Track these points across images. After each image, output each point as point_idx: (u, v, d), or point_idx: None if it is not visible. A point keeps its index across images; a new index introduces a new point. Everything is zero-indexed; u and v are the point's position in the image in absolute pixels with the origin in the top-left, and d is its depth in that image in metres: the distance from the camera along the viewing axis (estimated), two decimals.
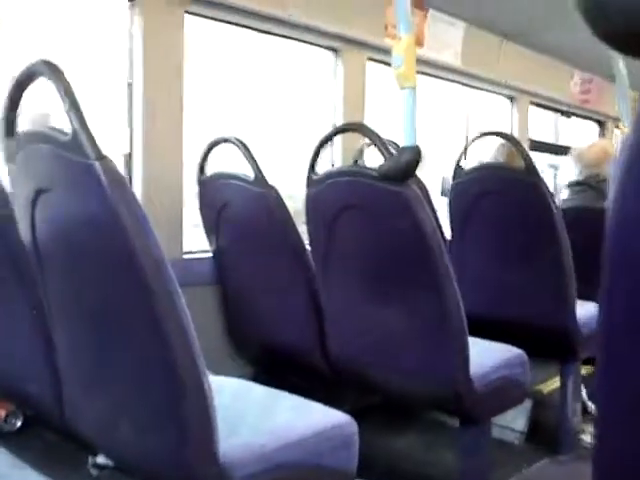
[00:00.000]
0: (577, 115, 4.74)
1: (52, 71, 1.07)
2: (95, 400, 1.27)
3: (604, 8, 0.44)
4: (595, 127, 5.03)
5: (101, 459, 1.65)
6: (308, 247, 1.96)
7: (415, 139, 1.66)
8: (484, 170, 2.36)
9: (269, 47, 2.75)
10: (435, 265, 1.62)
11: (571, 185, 2.89)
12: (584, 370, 2.35)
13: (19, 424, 1.87)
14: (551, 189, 2.32)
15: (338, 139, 2.76)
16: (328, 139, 1.94)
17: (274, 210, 1.94)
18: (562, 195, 2.93)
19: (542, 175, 2.20)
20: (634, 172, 0.56)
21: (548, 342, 2.18)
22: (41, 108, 1.47)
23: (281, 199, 1.94)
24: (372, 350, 1.82)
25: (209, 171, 2.17)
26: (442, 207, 2.62)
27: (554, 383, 2.42)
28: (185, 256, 2.24)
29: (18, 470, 1.36)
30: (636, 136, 0.53)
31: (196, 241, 2.30)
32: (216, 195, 2.13)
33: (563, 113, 4.68)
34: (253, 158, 1.98)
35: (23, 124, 1.24)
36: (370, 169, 1.71)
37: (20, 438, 1.82)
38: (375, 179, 1.65)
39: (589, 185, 2.76)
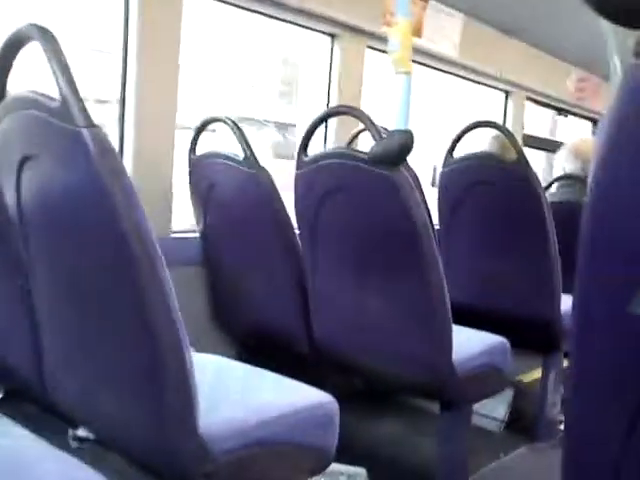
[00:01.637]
0: (573, 113, 4.75)
1: (42, 34, 1.04)
2: (76, 372, 1.26)
3: None
4: (588, 126, 5.05)
5: (82, 432, 1.65)
6: (297, 230, 1.96)
7: (407, 124, 1.66)
8: (475, 159, 2.36)
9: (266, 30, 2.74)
10: (422, 251, 1.62)
11: (560, 179, 2.90)
12: (566, 362, 2.37)
13: None
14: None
15: (333, 125, 2.76)
16: (320, 121, 1.93)
17: (264, 191, 1.93)
18: (551, 189, 2.94)
19: (533, 168, 2.21)
20: (608, 164, 0.57)
21: (532, 333, 2.19)
22: None
23: (272, 180, 1.93)
24: (356, 333, 1.82)
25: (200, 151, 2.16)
26: (432, 198, 2.62)
27: (536, 374, 2.44)
28: (173, 235, 2.23)
29: None
30: (611, 128, 0.54)
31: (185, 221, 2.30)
32: (206, 175, 2.12)
33: (560, 111, 4.69)
34: (244, 138, 1.97)
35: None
36: (361, 152, 1.70)
37: None
38: (365, 162, 1.65)
39: (580, 179, 2.78)
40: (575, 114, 4.78)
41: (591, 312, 0.60)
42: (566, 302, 2.21)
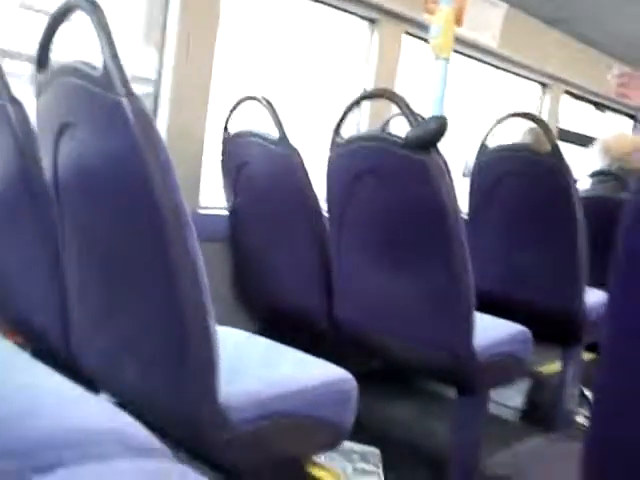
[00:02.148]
0: (611, 109, 4.67)
1: (89, 4, 1.06)
2: (102, 338, 1.29)
3: None
4: (629, 122, 4.95)
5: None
6: (325, 212, 1.98)
7: (443, 110, 1.66)
8: (509, 150, 2.34)
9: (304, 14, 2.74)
10: (450, 236, 1.63)
11: (594, 175, 2.87)
12: (586, 356, 2.36)
13: None
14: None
15: (366, 109, 2.76)
16: (355, 104, 1.94)
17: (295, 172, 1.94)
18: (584, 184, 2.91)
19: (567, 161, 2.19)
20: None
21: (554, 325, 2.19)
22: None
23: (302, 161, 1.94)
24: (378, 315, 1.83)
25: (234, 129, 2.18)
26: (463, 188, 2.61)
27: (555, 366, 2.43)
28: (201, 211, 2.26)
29: None
30: None
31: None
32: (238, 153, 2.14)
33: (597, 106, 4.61)
34: (278, 118, 1.99)
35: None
36: (395, 136, 1.71)
37: None
38: (399, 146, 1.65)
39: (615, 175, 2.74)
40: (614, 110, 4.70)
41: (624, 316, 0.59)
42: (590, 296, 2.19)
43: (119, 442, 0.66)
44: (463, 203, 2.49)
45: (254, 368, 1.37)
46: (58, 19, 1.20)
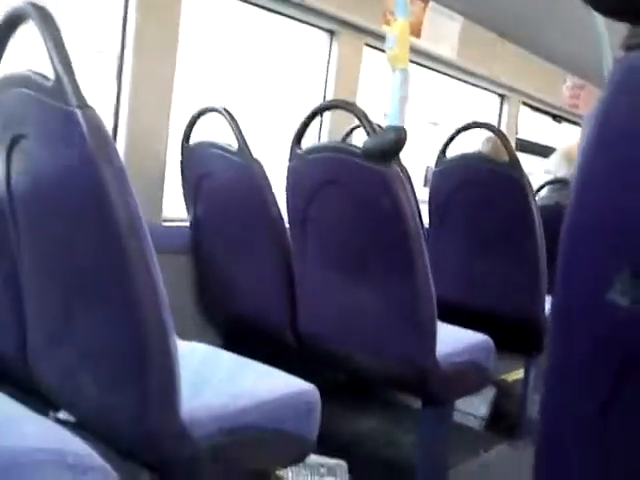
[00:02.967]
0: (567, 120, 4.78)
1: (39, 13, 1.04)
2: (59, 354, 1.26)
3: None
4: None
5: (62, 415, 1.64)
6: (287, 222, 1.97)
7: (401, 121, 1.67)
8: (466, 160, 2.37)
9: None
10: (411, 247, 1.63)
11: (550, 183, 2.92)
12: None
13: None
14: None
15: (327, 121, 2.76)
16: (314, 115, 1.94)
17: (256, 183, 1.93)
18: (541, 192, 2.96)
19: (525, 171, 2.23)
20: (589, 169, 0.58)
21: (516, 333, 2.21)
22: None
23: (264, 172, 1.93)
24: (341, 327, 1.83)
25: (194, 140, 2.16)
26: (424, 197, 2.63)
27: (518, 373, 2.46)
28: (164, 223, 2.23)
29: None
30: (593, 127, 0.55)
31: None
32: (199, 164, 2.12)
33: (555, 117, 4.71)
34: (239, 129, 1.98)
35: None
36: (354, 146, 1.71)
37: None
38: (358, 156, 1.66)
39: (569, 183, 2.79)
40: (569, 121, 4.81)
41: (569, 301, 0.61)
42: (550, 302, 2.22)
43: (57, 462, 0.64)
44: (425, 212, 2.53)
45: (217, 382, 1.35)
46: (8, 28, 1.17)
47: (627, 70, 0.52)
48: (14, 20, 1.15)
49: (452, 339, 1.85)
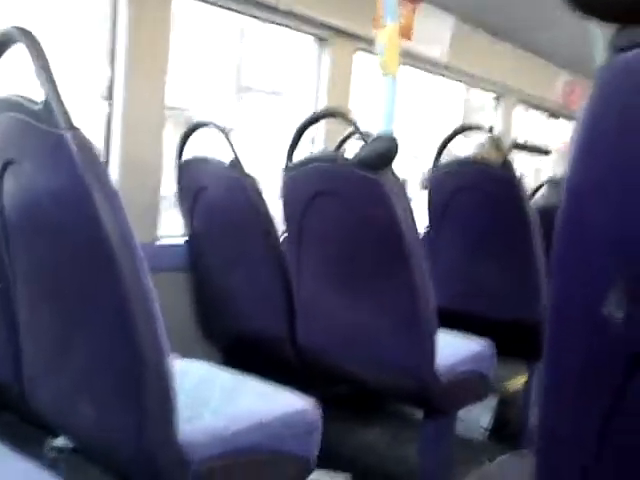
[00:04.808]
0: (563, 116, 4.77)
1: (26, 37, 1.04)
2: (55, 380, 1.25)
3: None
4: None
5: (60, 441, 1.62)
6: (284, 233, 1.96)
7: (392, 127, 1.66)
8: (461, 164, 2.36)
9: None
10: (408, 255, 1.62)
11: (549, 182, 2.90)
12: None
13: None
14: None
15: (322, 130, 2.75)
16: (307, 125, 1.93)
17: (249, 196, 1.92)
18: (539, 193, 2.94)
19: (519, 173, 2.21)
20: (577, 167, 0.56)
21: (517, 339, 2.19)
22: None
23: (257, 186, 1.93)
24: (341, 339, 1.81)
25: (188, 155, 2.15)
26: (422, 201, 2.62)
27: (521, 381, 2.43)
28: (161, 241, 2.21)
29: None
30: (582, 131, 0.54)
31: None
32: (193, 179, 2.11)
33: (551, 114, 4.71)
34: (232, 144, 1.97)
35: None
36: (347, 156, 1.70)
37: None
38: (351, 166, 1.65)
39: None
40: (565, 117, 4.80)
41: (565, 310, 0.60)
42: None
43: None
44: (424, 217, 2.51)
45: (215, 403, 1.34)
46: None
47: (614, 71, 0.51)
48: (1, 43, 1.14)
49: (453, 348, 1.83)
